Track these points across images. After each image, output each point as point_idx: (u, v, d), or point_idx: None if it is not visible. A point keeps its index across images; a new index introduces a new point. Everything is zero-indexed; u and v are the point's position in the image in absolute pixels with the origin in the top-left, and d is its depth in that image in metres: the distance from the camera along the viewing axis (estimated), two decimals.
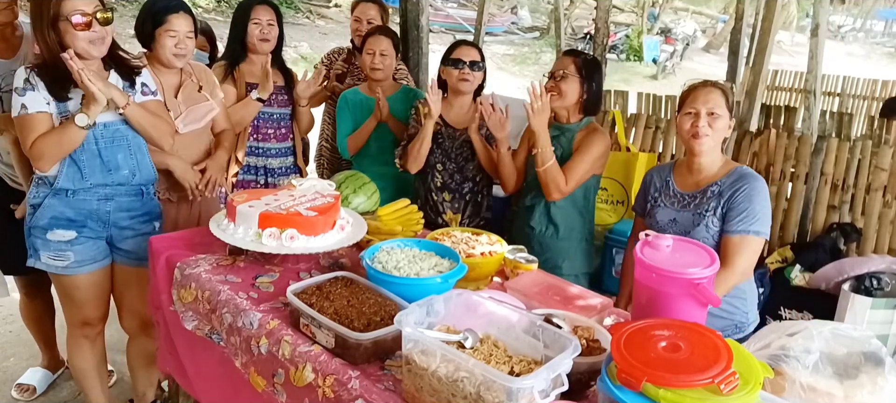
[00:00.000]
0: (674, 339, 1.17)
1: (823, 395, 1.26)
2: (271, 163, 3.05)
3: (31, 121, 2.08)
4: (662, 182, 2.22)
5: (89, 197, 2.22)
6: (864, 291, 2.66)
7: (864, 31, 25.38)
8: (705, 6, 21.54)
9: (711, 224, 2.04)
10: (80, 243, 2.23)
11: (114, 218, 2.28)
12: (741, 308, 2.11)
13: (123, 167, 2.24)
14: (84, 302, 2.33)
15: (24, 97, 2.06)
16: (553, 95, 2.48)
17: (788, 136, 3.31)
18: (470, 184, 2.82)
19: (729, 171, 2.09)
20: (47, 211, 2.19)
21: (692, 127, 2.06)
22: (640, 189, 2.33)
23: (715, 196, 2.06)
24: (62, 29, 2.05)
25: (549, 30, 17.17)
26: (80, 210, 2.22)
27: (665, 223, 2.14)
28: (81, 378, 2.51)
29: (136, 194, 2.32)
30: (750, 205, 1.98)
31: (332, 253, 2.05)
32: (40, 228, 2.20)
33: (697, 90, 2.10)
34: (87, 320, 2.38)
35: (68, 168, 2.15)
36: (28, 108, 2.07)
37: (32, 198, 2.21)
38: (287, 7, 14.77)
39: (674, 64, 16.09)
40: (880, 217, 3.05)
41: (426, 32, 3.90)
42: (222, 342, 1.81)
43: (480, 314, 1.42)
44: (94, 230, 2.26)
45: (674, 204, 2.15)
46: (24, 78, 2.07)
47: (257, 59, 2.95)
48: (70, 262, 2.24)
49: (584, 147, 2.50)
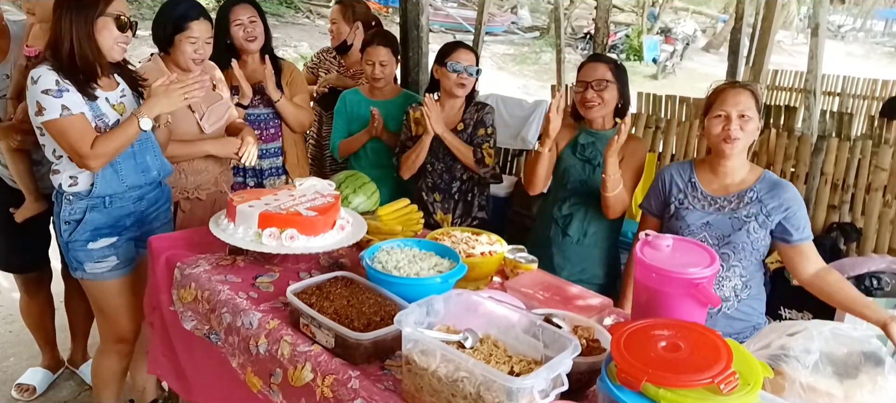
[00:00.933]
0: (674, 339, 1.17)
1: (823, 395, 1.26)
2: (260, 164, 2.98)
3: (79, 122, 2.05)
4: (686, 183, 2.15)
5: (125, 201, 2.24)
6: (864, 291, 2.66)
7: (864, 30, 25.38)
8: (705, 6, 21.54)
9: (753, 230, 2.03)
10: (122, 245, 2.27)
11: (146, 215, 2.33)
12: (758, 309, 2.11)
13: (152, 168, 2.28)
14: (120, 311, 2.33)
15: (61, 99, 2.02)
16: (595, 105, 2.44)
17: (788, 136, 3.31)
18: (458, 183, 2.82)
19: (759, 177, 2.07)
20: (89, 225, 2.19)
21: (723, 130, 2.01)
22: (655, 187, 2.25)
23: (754, 202, 2.03)
24: (101, 24, 2.06)
25: (548, 30, 17.17)
26: (119, 216, 2.24)
27: (697, 226, 2.08)
28: (101, 385, 2.51)
29: (158, 187, 2.38)
30: (804, 213, 2.05)
31: (332, 252, 2.05)
32: (82, 242, 2.21)
33: (726, 92, 2.04)
34: (122, 335, 2.39)
35: (104, 171, 2.15)
36: (71, 110, 2.03)
37: (69, 214, 2.18)
38: (287, 7, 14.77)
39: (674, 64, 16.09)
40: (880, 217, 3.05)
41: (426, 32, 3.89)
42: (220, 342, 1.81)
43: (480, 314, 1.42)
44: (130, 230, 2.30)
45: (704, 206, 2.10)
46: (55, 79, 2.03)
47: (250, 60, 2.93)
48: (114, 264, 2.26)
49: (629, 159, 2.44)
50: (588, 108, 2.45)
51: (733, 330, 2.05)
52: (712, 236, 2.06)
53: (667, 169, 2.25)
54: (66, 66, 2.05)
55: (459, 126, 2.78)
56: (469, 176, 2.82)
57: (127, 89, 2.25)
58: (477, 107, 2.81)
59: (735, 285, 2.06)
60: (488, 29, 10.09)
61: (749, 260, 2.05)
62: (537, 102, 4.50)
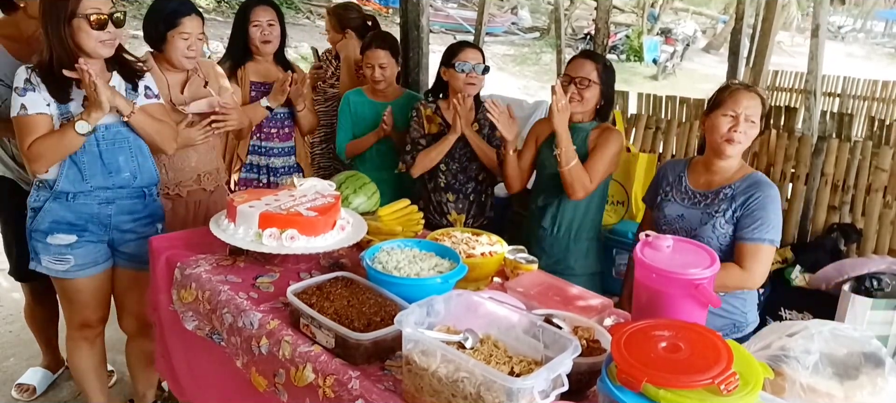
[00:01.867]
0: (674, 339, 1.17)
1: (823, 396, 1.26)
2: (274, 163, 3.05)
3: (30, 123, 2.07)
4: (675, 177, 2.21)
5: (90, 200, 2.21)
6: (864, 292, 2.66)
7: (864, 31, 25.38)
8: (705, 7, 21.55)
9: (719, 225, 2.04)
10: (81, 247, 2.23)
11: (115, 222, 2.27)
12: (740, 308, 2.11)
13: (125, 169, 2.23)
14: (84, 304, 2.33)
15: (23, 97, 2.06)
16: (574, 101, 2.46)
17: (789, 137, 3.31)
18: (473, 184, 2.83)
19: (743, 176, 2.08)
20: (48, 216, 2.18)
21: (730, 131, 2.01)
22: (653, 181, 2.32)
23: (727, 198, 2.05)
24: (76, 26, 2.04)
25: (549, 30, 17.17)
26: (80, 214, 2.21)
27: (672, 218, 2.13)
28: (81, 378, 2.51)
29: (137, 196, 2.31)
30: (764, 214, 1.99)
31: (332, 253, 2.05)
32: (41, 232, 2.20)
33: (740, 94, 2.03)
34: (86, 322, 2.38)
35: (69, 169, 2.15)
36: (27, 109, 2.07)
37: (33, 201, 2.20)
38: (287, 7, 14.77)
39: (674, 64, 16.10)
40: (880, 217, 3.05)
41: (426, 33, 3.90)
42: (223, 342, 1.81)
43: (480, 314, 1.42)
44: (95, 233, 2.25)
45: (683, 200, 2.14)
46: (25, 78, 2.07)
47: (263, 60, 2.96)
48: (70, 266, 2.24)
49: (600, 145, 2.48)
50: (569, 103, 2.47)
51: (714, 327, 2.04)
52: (682, 228, 2.10)
53: (666, 164, 2.31)
54: (47, 69, 2.07)
55: (475, 126, 2.79)
56: (484, 176, 2.83)
57: (120, 85, 2.22)
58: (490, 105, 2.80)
59: None
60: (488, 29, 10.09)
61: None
62: (537, 103, 4.50)
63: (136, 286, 2.37)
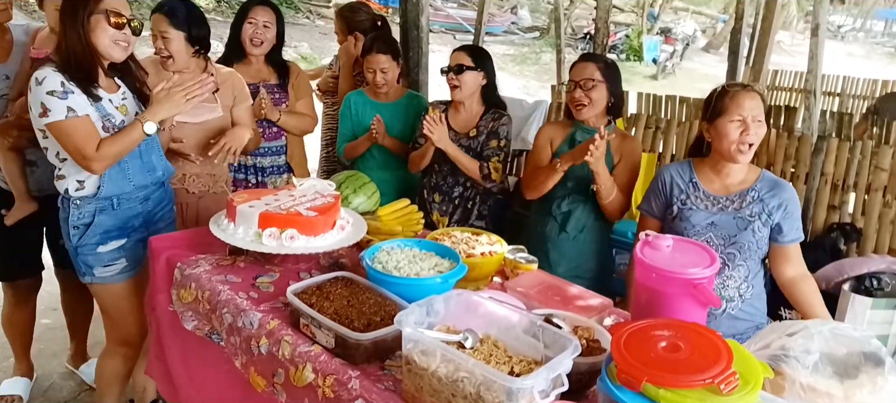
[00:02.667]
0: (674, 339, 1.17)
1: (823, 395, 1.26)
2: (262, 162, 3.01)
3: (84, 124, 2.04)
4: (687, 183, 2.14)
5: (133, 202, 2.24)
6: (864, 291, 2.65)
7: (864, 30, 25.38)
8: (705, 6, 21.54)
9: (757, 229, 2.03)
10: (130, 248, 2.27)
11: (153, 216, 2.33)
12: (761, 309, 2.12)
13: (158, 168, 2.29)
14: (127, 314, 2.33)
15: (67, 100, 2.02)
16: (583, 105, 2.45)
17: (788, 136, 3.31)
18: (460, 189, 2.82)
19: (758, 176, 2.08)
20: (98, 229, 2.19)
21: (742, 135, 1.99)
22: (654, 188, 2.23)
23: (756, 201, 2.04)
24: (94, 22, 2.04)
25: (548, 30, 17.16)
26: (127, 218, 2.24)
27: (702, 227, 2.08)
28: (104, 386, 2.50)
29: (162, 187, 2.38)
30: (798, 213, 2.07)
31: (332, 253, 2.05)
32: (92, 245, 2.20)
33: (741, 96, 2.01)
34: (128, 338, 2.39)
35: (111, 171, 2.15)
36: (76, 111, 2.03)
37: (77, 219, 2.17)
38: (287, 7, 14.77)
39: (674, 64, 16.10)
40: (880, 217, 3.05)
41: (426, 32, 3.90)
42: (222, 342, 1.81)
43: (480, 314, 1.42)
44: (139, 231, 2.29)
45: (707, 206, 2.09)
46: (61, 81, 2.02)
47: (254, 60, 2.95)
48: (123, 267, 2.26)
49: (627, 158, 2.48)
50: (577, 108, 2.48)
51: (737, 331, 2.06)
52: (718, 236, 2.06)
53: (665, 169, 2.23)
54: (69, 68, 2.05)
55: (472, 131, 2.77)
56: (472, 183, 2.82)
57: (128, 92, 2.25)
58: (494, 115, 2.79)
59: (739, 285, 2.07)
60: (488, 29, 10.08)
61: (753, 259, 2.06)
62: (537, 102, 4.50)
63: None
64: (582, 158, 2.27)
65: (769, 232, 2.05)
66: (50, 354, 3.19)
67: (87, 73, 2.09)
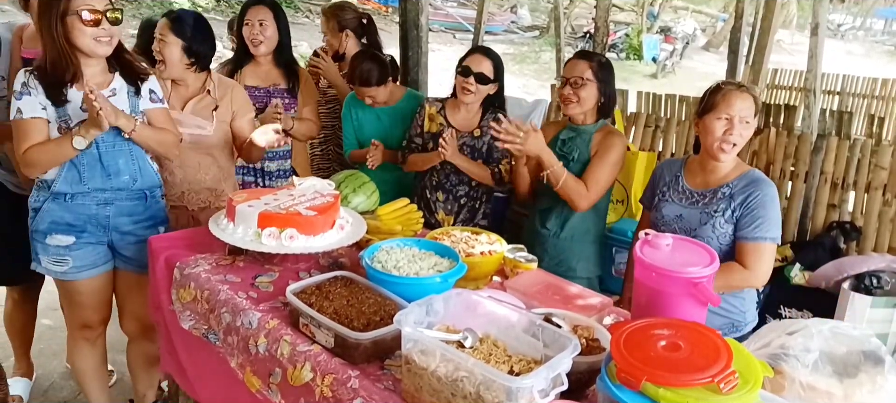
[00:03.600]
0: (674, 338, 1.17)
1: (823, 394, 1.26)
2: (268, 166, 3.01)
3: (25, 127, 2.07)
4: (672, 177, 2.19)
5: (88, 201, 2.20)
6: (863, 290, 2.65)
7: (863, 29, 25.37)
8: (705, 5, 21.52)
9: (719, 225, 2.03)
10: (79, 248, 2.23)
11: (114, 223, 2.26)
12: (739, 306, 2.11)
13: (124, 172, 2.22)
14: (84, 305, 2.33)
15: (20, 101, 2.06)
16: (571, 102, 2.46)
17: (788, 135, 3.31)
18: (465, 188, 2.81)
19: (741, 174, 2.07)
20: (46, 216, 2.18)
21: (725, 134, 1.99)
22: (649, 182, 2.31)
23: (726, 198, 2.04)
24: (70, 24, 2.03)
25: (548, 29, 17.16)
26: (79, 214, 2.21)
27: (670, 218, 2.13)
28: (82, 378, 2.51)
29: (138, 198, 2.29)
30: (764, 212, 1.99)
31: (332, 252, 2.05)
32: (40, 232, 2.20)
33: (732, 95, 2.01)
34: (87, 323, 2.38)
35: (68, 171, 2.14)
36: (23, 113, 2.06)
37: (33, 201, 2.21)
38: (287, 6, 14.76)
39: (673, 63, 16.08)
40: (880, 215, 3.05)
41: (426, 31, 3.90)
42: (219, 342, 1.81)
43: (480, 313, 1.42)
44: (93, 235, 2.24)
45: (681, 200, 2.14)
46: (23, 81, 2.07)
47: (263, 62, 2.95)
48: (69, 267, 2.23)
49: (602, 151, 2.46)
50: (565, 105, 2.50)
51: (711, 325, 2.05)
52: (681, 229, 2.08)
53: (663, 164, 2.30)
54: (42, 71, 2.07)
55: (476, 132, 2.77)
56: (477, 182, 2.81)
57: (122, 88, 2.21)
58: (496, 117, 2.77)
59: None
60: (488, 28, 10.09)
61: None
62: (537, 101, 4.49)
63: (138, 288, 2.36)
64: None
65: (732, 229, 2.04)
66: (50, 354, 3.19)
67: (62, 76, 2.07)
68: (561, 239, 2.56)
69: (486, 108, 2.80)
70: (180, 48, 2.45)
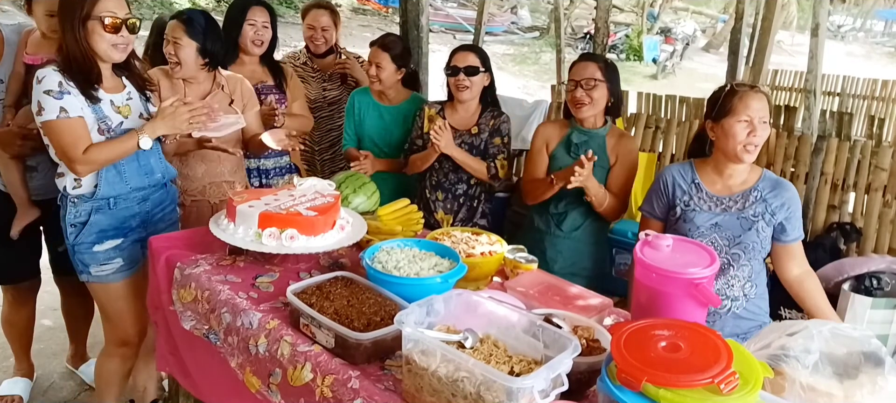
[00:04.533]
0: (674, 339, 1.17)
1: (823, 395, 1.26)
2: (265, 164, 3.01)
3: (75, 126, 2.06)
4: (689, 184, 2.13)
5: (130, 202, 2.24)
6: (864, 291, 2.66)
7: (864, 30, 25.37)
8: (705, 6, 21.53)
9: (761, 229, 2.04)
10: (127, 247, 2.27)
11: (151, 216, 2.33)
12: (764, 308, 2.13)
13: (156, 170, 2.30)
14: (124, 314, 2.33)
15: (61, 100, 2.04)
16: (584, 104, 2.46)
17: (788, 136, 3.31)
18: (464, 186, 2.81)
19: (760, 176, 2.08)
20: (94, 228, 2.19)
21: (749, 136, 1.98)
22: (656, 189, 2.21)
23: (759, 201, 2.04)
24: (90, 28, 2.05)
25: (548, 29, 17.16)
26: (124, 218, 2.24)
27: (706, 228, 2.07)
28: (104, 386, 2.50)
29: (162, 188, 2.37)
30: (799, 213, 2.08)
31: (332, 252, 2.05)
32: (87, 244, 2.20)
33: (749, 97, 2.00)
34: (126, 338, 2.39)
35: (107, 173, 2.16)
36: (68, 113, 2.04)
37: (74, 217, 2.18)
38: (286, 7, 14.75)
39: (674, 63, 16.08)
40: (880, 217, 3.05)
41: (426, 32, 3.89)
42: (219, 342, 1.81)
43: (480, 314, 1.42)
44: (136, 232, 2.29)
45: (712, 208, 2.09)
46: (58, 80, 2.05)
47: (248, 61, 2.95)
48: (119, 266, 2.26)
49: (624, 160, 2.49)
50: (577, 108, 2.48)
51: (741, 330, 2.07)
52: (722, 237, 2.06)
53: (667, 170, 2.22)
54: (69, 70, 2.06)
55: (474, 129, 2.77)
56: (477, 181, 2.81)
57: (134, 92, 2.26)
58: (493, 113, 2.79)
59: (744, 285, 2.08)
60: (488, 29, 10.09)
61: (757, 259, 2.07)
62: (537, 102, 4.50)
63: None
64: (569, 180, 2.29)
65: (772, 232, 2.05)
66: (50, 354, 3.19)
67: (87, 76, 2.09)
68: (576, 240, 2.57)
69: (484, 107, 2.80)
70: (195, 49, 2.49)
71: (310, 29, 3.46)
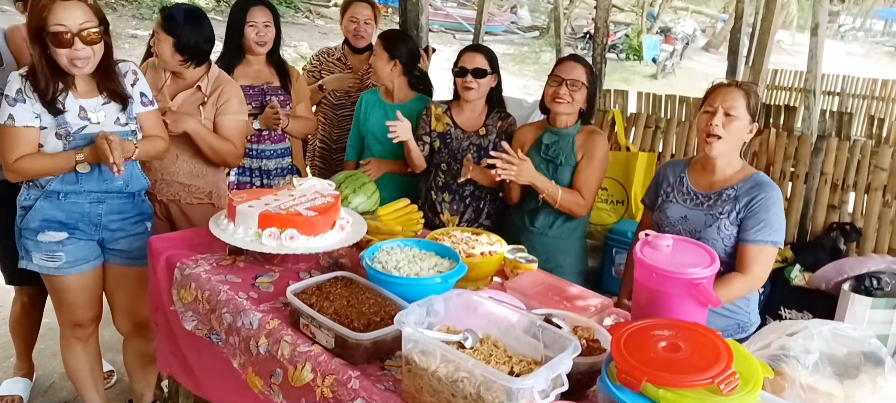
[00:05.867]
0: (674, 339, 1.17)
1: (823, 395, 1.26)
2: (267, 165, 3.00)
3: (16, 135, 2.06)
4: (676, 178, 2.20)
5: (81, 199, 2.21)
6: (863, 291, 2.66)
7: (863, 30, 25.39)
8: (705, 5, 21.55)
9: (724, 227, 2.04)
10: (72, 244, 2.23)
11: (105, 221, 2.28)
12: (744, 308, 2.11)
13: (119, 178, 2.21)
14: (75, 303, 2.33)
15: (13, 108, 2.04)
16: (564, 102, 2.48)
17: (788, 136, 3.31)
18: (471, 187, 2.81)
19: (746, 176, 2.08)
20: (38, 214, 2.18)
21: (706, 125, 2.03)
22: (653, 182, 2.32)
23: (730, 200, 2.05)
24: (47, 41, 2.01)
25: (548, 29, 17.17)
26: (71, 212, 2.21)
27: (675, 219, 2.13)
28: (75, 379, 2.50)
29: (127, 198, 2.31)
30: (767, 216, 1.99)
31: (332, 253, 2.05)
32: (31, 230, 2.20)
33: (719, 89, 2.06)
34: (78, 321, 2.38)
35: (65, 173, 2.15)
36: (14, 121, 2.05)
37: (23, 199, 2.20)
38: (287, 6, 14.76)
39: (673, 63, 16.09)
40: (880, 216, 3.05)
41: (426, 32, 3.89)
42: (221, 342, 1.81)
43: (480, 314, 1.42)
44: (85, 232, 2.25)
45: (686, 201, 2.14)
46: (18, 87, 2.05)
47: (254, 61, 2.95)
48: (62, 263, 2.23)
49: (589, 154, 2.50)
50: (557, 104, 2.50)
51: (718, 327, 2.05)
52: (686, 230, 2.09)
53: (666, 164, 2.31)
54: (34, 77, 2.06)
55: (481, 131, 2.78)
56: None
57: (112, 107, 2.21)
58: (500, 115, 2.80)
59: None
60: (488, 28, 10.08)
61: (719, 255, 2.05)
62: (537, 102, 4.49)
63: (127, 283, 2.37)
64: (488, 179, 2.35)
65: (736, 231, 2.04)
66: (50, 354, 3.19)
67: (47, 88, 2.06)
68: (550, 237, 2.59)
69: (491, 107, 2.80)
70: (171, 45, 2.46)
71: (352, 22, 3.44)
